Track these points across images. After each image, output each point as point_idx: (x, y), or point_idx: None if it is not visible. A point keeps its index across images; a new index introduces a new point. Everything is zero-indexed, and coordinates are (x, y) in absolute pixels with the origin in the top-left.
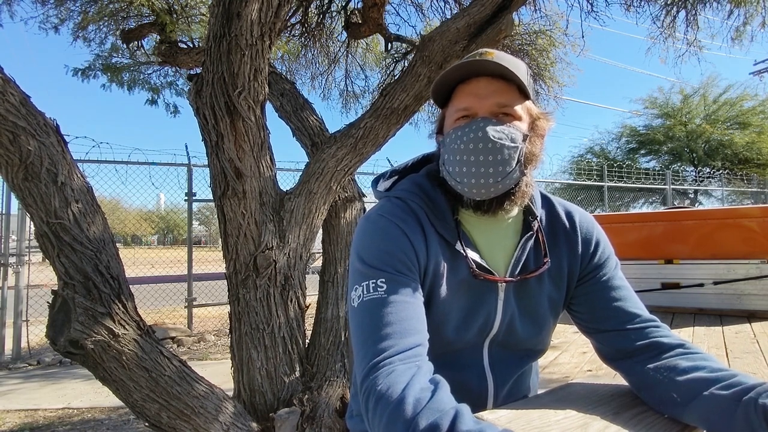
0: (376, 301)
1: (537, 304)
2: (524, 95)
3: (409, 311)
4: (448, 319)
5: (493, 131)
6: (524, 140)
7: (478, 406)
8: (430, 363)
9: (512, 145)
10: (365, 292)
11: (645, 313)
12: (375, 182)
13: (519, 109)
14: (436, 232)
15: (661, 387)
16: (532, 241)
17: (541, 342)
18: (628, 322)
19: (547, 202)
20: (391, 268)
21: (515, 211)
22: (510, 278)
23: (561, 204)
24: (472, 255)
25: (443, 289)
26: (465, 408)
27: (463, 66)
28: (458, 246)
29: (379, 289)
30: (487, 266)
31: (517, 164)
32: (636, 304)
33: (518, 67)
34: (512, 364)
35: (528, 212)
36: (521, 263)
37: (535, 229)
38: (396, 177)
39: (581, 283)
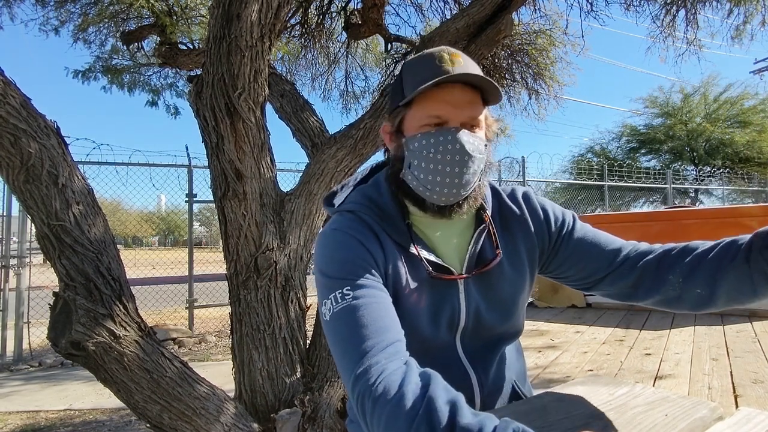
0: (347, 309)
1: (500, 293)
2: (484, 103)
3: (381, 311)
4: (418, 320)
5: (468, 144)
6: (485, 149)
7: (466, 399)
8: (413, 358)
9: (480, 156)
10: (334, 304)
11: (621, 242)
12: (326, 201)
13: (481, 119)
14: (390, 238)
15: (685, 292)
16: (485, 234)
17: (513, 326)
18: (615, 258)
19: (495, 193)
20: (353, 276)
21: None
22: (466, 274)
23: (504, 191)
24: (426, 256)
25: (407, 292)
26: (461, 399)
27: (438, 70)
28: (413, 249)
29: (346, 297)
30: (443, 264)
31: (480, 173)
32: (610, 240)
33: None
34: (488, 351)
35: (479, 206)
36: (476, 257)
37: (487, 222)
38: (349, 191)
39: (556, 251)
